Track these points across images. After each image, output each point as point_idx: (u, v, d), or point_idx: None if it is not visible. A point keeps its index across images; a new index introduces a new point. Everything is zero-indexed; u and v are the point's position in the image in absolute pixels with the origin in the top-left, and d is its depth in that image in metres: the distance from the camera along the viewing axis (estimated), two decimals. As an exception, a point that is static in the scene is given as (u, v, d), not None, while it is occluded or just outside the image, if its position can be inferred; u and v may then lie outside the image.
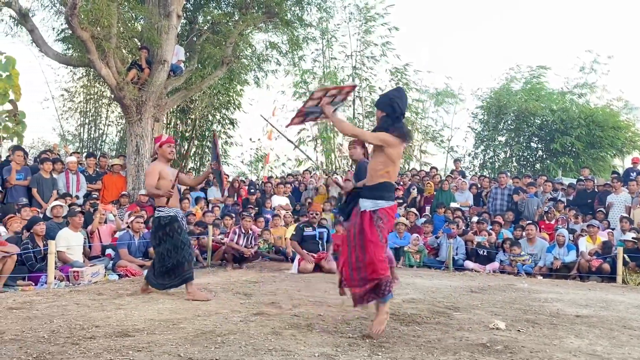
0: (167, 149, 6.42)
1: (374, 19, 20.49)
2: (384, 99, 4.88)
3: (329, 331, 4.66)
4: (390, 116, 4.74)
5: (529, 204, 12.01)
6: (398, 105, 4.73)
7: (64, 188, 10.92)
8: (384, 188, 4.69)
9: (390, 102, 4.76)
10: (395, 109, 4.73)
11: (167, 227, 6.17)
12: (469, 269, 10.46)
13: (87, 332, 4.44)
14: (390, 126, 4.69)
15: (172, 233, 6.16)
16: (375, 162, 4.74)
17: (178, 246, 6.16)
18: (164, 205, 6.22)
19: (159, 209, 6.27)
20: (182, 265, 6.16)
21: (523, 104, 19.74)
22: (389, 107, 4.76)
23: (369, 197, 4.68)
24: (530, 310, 6.08)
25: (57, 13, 12.39)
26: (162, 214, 6.21)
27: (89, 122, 19.40)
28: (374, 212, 4.62)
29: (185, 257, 6.19)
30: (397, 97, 4.80)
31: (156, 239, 6.27)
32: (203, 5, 14.41)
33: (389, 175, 4.71)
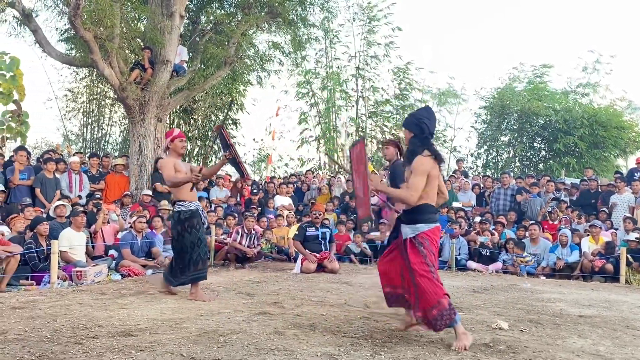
0: (179, 144, 6.36)
1: (377, 18, 20.51)
2: (412, 119, 4.73)
3: (331, 331, 4.66)
4: (418, 137, 4.58)
5: (531, 204, 11.98)
6: (427, 126, 4.57)
7: (67, 188, 10.93)
8: (422, 211, 4.47)
9: (418, 123, 4.60)
10: (423, 130, 4.57)
11: (187, 222, 6.09)
12: (471, 269, 10.44)
13: (90, 332, 4.45)
14: (420, 148, 4.52)
15: (190, 229, 6.08)
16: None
17: (195, 243, 6.10)
18: (185, 200, 6.15)
19: (179, 204, 6.17)
20: (197, 263, 6.11)
21: (526, 104, 19.72)
22: (417, 127, 4.60)
23: (408, 222, 4.51)
24: (533, 310, 6.07)
25: (60, 13, 12.42)
26: (183, 209, 6.13)
27: (92, 122, 19.48)
28: (414, 238, 4.45)
29: (201, 256, 6.14)
30: (426, 116, 4.64)
31: (175, 233, 6.18)
32: (206, 5, 14.42)
33: (427, 197, 4.49)
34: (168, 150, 6.45)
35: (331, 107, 20.86)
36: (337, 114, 21.11)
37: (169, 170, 6.14)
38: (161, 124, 12.63)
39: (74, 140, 19.81)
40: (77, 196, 10.93)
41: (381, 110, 21.39)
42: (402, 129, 4.78)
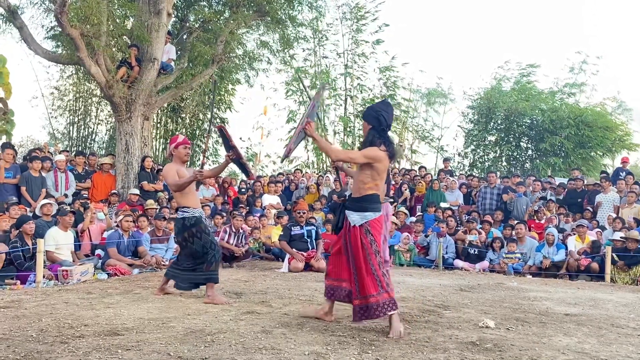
0: (183, 151, 6.31)
1: (365, 17, 20.55)
2: (370, 111, 4.92)
3: (319, 330, 4.66)
4: (376, 129, 4.80)
5: (517, 204, 12.06)
6: (384, 118, 4.78)
7: (53, 187, 10.84)
8: (371, 200, 4.75)
9: (376, 115, 4.81)
10: (380, 122, 4.78)
11: (194, 227, 6.02)
12: (458, 267, 10.50)
13: (76, 331, 4.41)
14: (377, 139, 4.76)
15: (199, 234, 6.02)
16: (363, 175, 4.78)
17: (208, 246, 6.04)
18: (189, 206, 6.09)
19: (183, 210, 6.09)
20: (209, 264, 6.05)
21: (513, 104, 19.84)
22: (375, 119, 4.81)
23: (356, 210, 4.75)
24: (519, 308, 6.11)
25: (46, 10, 12.28)
26: (187, 215, 6.06)
27: (79, 120, 19.30)
28: (362, 226, 4.69)
29: (215, 258, 6.08)
30: (384, 109, 4.85)
31: (182, 240, 6.11)
32: (194, 3, 14.36)
33: (376, 188, 4.78)
34: (171, 157, 6.40)
35: (320, 106, 20.85)
36: (325, 112, 21.13)
37: (172, 176, 6.11)
38: (148, 122, 12.56)
39: (61, 139, 19.63)
40: (62, 195, 10.85)
41: (369, 110, 21.37)
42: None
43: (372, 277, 4.63)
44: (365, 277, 4.63)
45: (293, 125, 21.32)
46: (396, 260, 10.81)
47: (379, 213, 4.78)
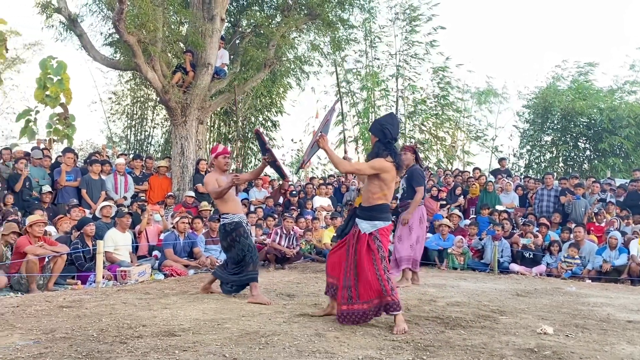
0: (222, 160, 6.54)
1: (419, 18, 20.36)
2: (375, 125, 5.22)
3: (372, 334, 4.64)
4: (381, 141, 5.06)
5: (576, 206, 11.68)
6: (389, 131, 5.03)
7: (112, 189, 11.18)
8: (380, 209, 5.01)
9: (381, 128, 5.08)
10: (385, 134, 5.03)
11: (234, 232, 6.27)
12: (514, 271, 10.25)
13: (135, 331, 4.53)
14: (383, 151, 5.00)
15: (238, 238, 6.26)
16: (372, 185, 5.02)
17: (245, 250, 6.26)
18: (228, 212, 6.34)
19: (224, 217, 6.36)
20: (247, 265, 6.26)
21: (570, 103, 19.28)
22: (380, 132, 5.08)
23: (366, 219, 5.00)
24: (579, 314, 5.92)
25: (104, 18, 12.70)
26: (227, 221, 6.32)
27: (135, 124, 19.87)
28: (371, 234, 4.95)
29: (252, 259, 6.27)
30: (389, 123, 5.11)
31: (226, 245, 6.39)
32: (246, 8, 14.55)
33: (385, 198, 5.03)
34: (212, 167, 6.63)
35: (370, 107, 20.81)
36: (376, 113, 21.05)
37: (212, 185, 6.36)
38: (202, 126, 12.81)
39: (118, 142, 20.25)
40: (122, 197, 11.17)
41: (420, 110, 21.22)
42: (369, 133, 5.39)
43: (376, 282, 4.84)
44: (369, 281, 4.86)
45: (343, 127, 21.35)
46: (450, 264, 10.63)
47: (389, 222, 5.05)
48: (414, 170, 7.98)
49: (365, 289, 4.87)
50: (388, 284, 4.84)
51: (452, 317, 5.46)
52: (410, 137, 21.17)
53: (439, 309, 5.98)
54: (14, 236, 7.75)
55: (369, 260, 4.88)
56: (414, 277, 7.99)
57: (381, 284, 4.82)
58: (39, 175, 10.74)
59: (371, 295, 4.85)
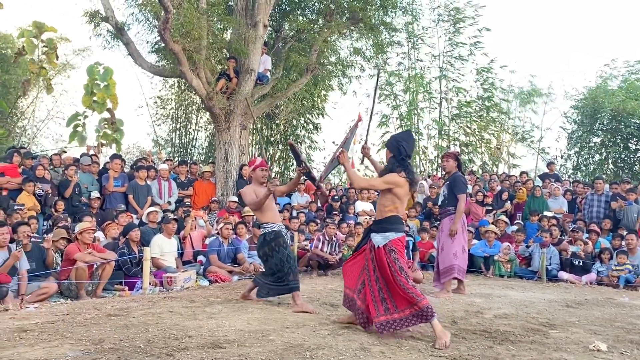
0: (260, 173, 6.63)
1: (463, 20, 20.07)
2: (392, 141, 5.39)
3: (418, 349, 4.56)
4: (396, 157, 5.24)
5: (628, 212, 11.29)
6: (404, 148, 5.23)
7: (157, 194, 11.38)
8: (392, 221, 5.15)
9: (397, 145, 5.27)
10: (400, 151, 5.23)
11: (273, 242, 6.31)
12: (563, 280, 9.98)
13: (181, 343, 4.56)
14: (397, 167, 5.17)
15: (277, 248, 6.30)
16: (384, 199, 5.20)
17: (284, 260, 6.28)
18: (268, 222, 6.41)
19: (263, 226, 6.44)
20: (287, 275, 6.28)
21: (620, 104, 18.68)
22: (395, 149, 5.28)
23: (379, 231, 5.14)
24: (633, 329, 5.70)
25: (150, 27, 12.93)
26: (267, 230, 6.39)
27: (180, 127, 20.19)
28: (385, 246, 5.06)
29: (291, 269, 6.30)
30: (405, 139, 5.31)
31: (263, 255, 6.42)
32: (288, 14, 14.61)
33: (397, 210, 5.18)
34: (251, 179, 6.71)
35: (413, 109, 20.61)
36: (419, 116, 20.84)
37: (249, 196, 6.47)
38: (246, 131, 12.92)
39: (164, 145, 20.61)
40: (166, 202, 11.35)
41: (465, 112, 20.91)
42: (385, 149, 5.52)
43: (403, 292, 4.90)
44: (398, 292, 4.93)
45: (385, 129, 21.23)
46: (496, 271, 10.43)
47: (401, 233, 5.16)
48: (456, 178, 7.84)
49: (399, 299, 4.95)
50: (415, 290, 4.91)
51: (500, 331, 5.33)
52: (455, 140, 20.88)
53: (487, 321, 5.85)
54: (64, 242, 7.98)
55: (391, 275, 4.97)
56: (460, 286, 7.87)
57: (409, 293, 4.87)
58: (87, 181, 11.02)
59: (404, 305, 4.92)
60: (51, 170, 10.89)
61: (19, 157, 10.42)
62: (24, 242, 7.41)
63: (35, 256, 7.55)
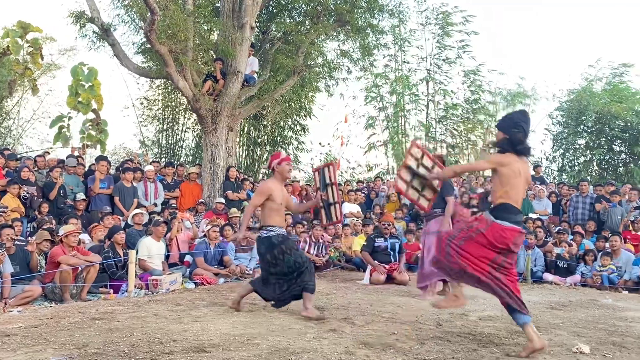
0: (286, 167, 6.20)
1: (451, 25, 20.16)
2: (508, 122, 4.81)
3: (403, 352, 4.58)
4: (510, 139, 4.69)
5: (612, 214, 11.42)
6: (523, 129, 4.69)
7: (143, 196, 11.33)
8: (502, 209, 4.66)
9: (514, 126, 4.70)
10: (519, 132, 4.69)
11: (283, 244, 5.95)
12: (548, 281, 10.06)
13: (165, 347, 4.55)
14: (509, 149, 4.69)
15: (290, 250, 5.96)
16: (493, 184, 4.83)
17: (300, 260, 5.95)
18: (274, 225, 6.03)
19: (269, 229, 6.02)
20: (304, 274, 5.93)
21: (605, 106, 18.87)
22: (511, 130, 4.70)
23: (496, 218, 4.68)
24: (616, 331, 5.76)
25: (136, 28, 12.87)
26: (273, 234, 5.99)
27: (167, 128, 20.08)
28: None
29: (309, 269, 5.97)
30: (522, 120, 4.74)
31: (271, 258, 5.96)
32: (275, 16, 14.60)
33: (507, 197, 4.65)
34: (273, 172, 6.28)
35: (400, 111, 20.68)
36: (406, 117, 20.93)
37: (256, 199, 6.09)
38: (232, 133, 12.90)
39: (150, 147, 20.49)
40: (152, 204, 11.30)
41: (452, 114, 21.02)
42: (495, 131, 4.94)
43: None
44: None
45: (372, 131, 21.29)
46: (481, 273, 10.48)
47: (510, 224, 4.64)
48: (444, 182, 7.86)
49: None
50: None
51: (485, 334, 5.38)
52: (442, 142, 20.99)
53: (471, 324, 5.90)
54: (47, 244, 7.92)
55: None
56: (446, 288, 7.88)
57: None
58: (73, 183, 10.94)
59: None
60: (35, 172, 10.80)
61: (3, 159, 10.33)
62: (8, 245, 7.34)
63: (19, 259, 7.49)
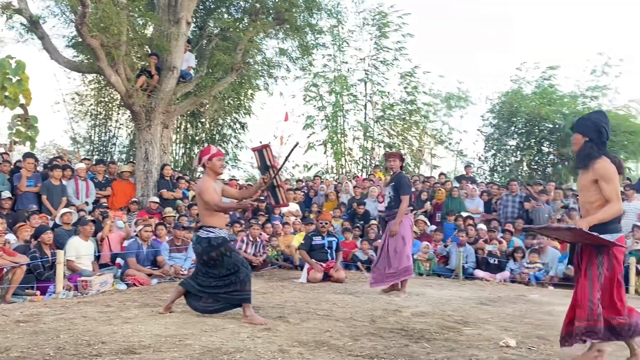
0: (218, 162, 5.91)
1: (388, 25, 20.45)
2: (588, 123, 4.54)
3: (336, 348, 4.60)
4: (594, 141, 4.45)
5: (539, 212, 11.86)
6: (605, 130, 4.46)
7: (74, 195, 10.95)
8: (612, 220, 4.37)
9: (596, 127, 4.46)
10: (602, 134, 4.45)
11: (222, 246, 5.75)
12: (479, 277, 10.36)
13: (93, 349, 4.41)
14: (597, 152, 4.41)
15: (229, 252, 5.77)
16: (589, 193, 4.44)
17: (239, 264, 5.80)
18: (215, 226, 5.80)
19: (209, 229, 5.78)
20: (244, 283, 5.77)
21: (535, 108, 19.59)
22: (595, 132, 4.47)
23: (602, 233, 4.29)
24: (541, 325, 5.98)
25: (67, 21, 12.42)
26: (213, 235, 5.77)
27: (99, 124, 19.49)
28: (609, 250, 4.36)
29: (248, 277, 5.81)
30: (604, 121, 4.51)
31: (209, 259, 5.78)
32: (213, 11, 14.41)
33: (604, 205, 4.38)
34: (204, 169, 6.02)
35: (339, 111, 20.81)
36: (344, 117, 21.08)
37: (212, 196, 5.79)
38: (167, 130, 12.64)
39: (82, 143, 19.83)
40: (83, 203, 10.94)
41: (389, 114, 21.33)
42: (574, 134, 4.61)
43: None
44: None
45: (311, 130, 21.33)
46: (415, 270, 10.66)
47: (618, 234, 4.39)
48: (401, 178, 7.93)
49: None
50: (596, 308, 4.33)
51: (417, 329, 5.47)
52: (379, 141, 21.27)
53: (404, 319, 5.99)
54: (-31, 245, 7.54)
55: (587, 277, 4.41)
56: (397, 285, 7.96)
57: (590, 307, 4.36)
58: (-2, 180, 10.46)
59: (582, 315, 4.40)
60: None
61: None
62: None
63: (-62, 260, 7.11)
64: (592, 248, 4.35)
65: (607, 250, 4.29)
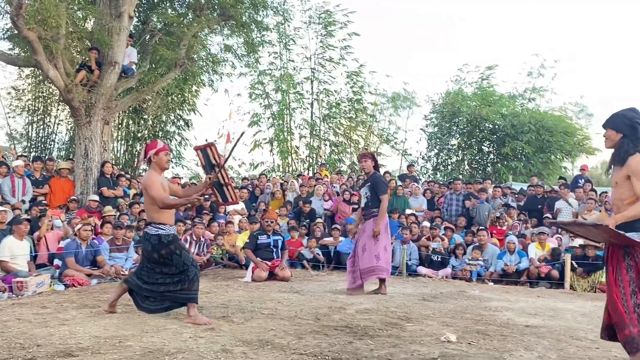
0: (165, 157, 5.77)
1: (334, 23, 20.55)
2: (622, 119, 4.41)
3: (280, 347, 4.59)
4: (629, 137, 4.33)
5: (480, 210, 12.18)
6: (639, 125, 4.33)
7: (10, 192, 10.53)
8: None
9: (630, 123, 4.34)
10: (636, 130, 4.33)
11: (172, 244, 5.61)
12: (422, 274, 10.54)
13: (28, 352, 4.25)
14: (633, 148, 4.29)
15: (179, 251, 5.63)
16: (621, 190, 4.34)
17: (189, 263, 5.66)
18: (165, 223, 5.65)
19: (159, 226, 5.63)
20: (192, 282, 5.64)
21: (476, 109, 20.10)
22: (630, 128, 4.35)
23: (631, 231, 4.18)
24: (481, 320, 6.13)
25: (2, 12, 11.92)
26: (163, 232, 5.62)
27: (38, 120, 18.83)
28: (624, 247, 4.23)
29: (197, 276, 5.69)
30: (636, 117, 4.37)
31: (158, 257, 5.62)
32: (156, 6, 14.12)
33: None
34: (149, 164, 5.84)
35: (285, 109, 20.79)
36: (291, 115, 21.07)
37: (159, 192, 5.59)
38: (108, 127, 12.30)
39: (19, 139, 19.10)
40: (19, 201, 10.53)
41: (334, 113, 21.46)
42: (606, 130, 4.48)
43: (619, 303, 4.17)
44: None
45: (257, 128, 21.24)
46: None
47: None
48: (377, 178, 7.92)
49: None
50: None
51: (361, 326, 5.51)
52: (326, 140, 21.38)
53: (349, 317, 6.03)
54: None
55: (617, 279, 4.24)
56: (382, 285, 7.92)
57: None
58: None
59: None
60: None
61: None
62: None
63: None
64: (619, 250, 4.23)
65: (633, 251, 4.15)
